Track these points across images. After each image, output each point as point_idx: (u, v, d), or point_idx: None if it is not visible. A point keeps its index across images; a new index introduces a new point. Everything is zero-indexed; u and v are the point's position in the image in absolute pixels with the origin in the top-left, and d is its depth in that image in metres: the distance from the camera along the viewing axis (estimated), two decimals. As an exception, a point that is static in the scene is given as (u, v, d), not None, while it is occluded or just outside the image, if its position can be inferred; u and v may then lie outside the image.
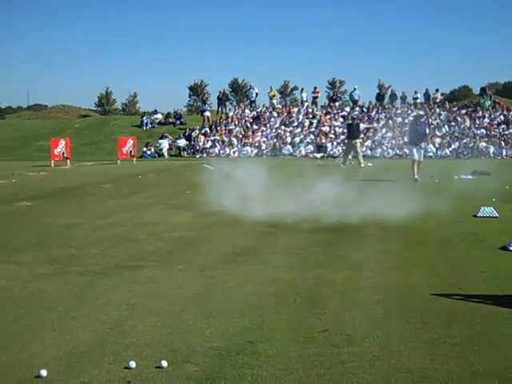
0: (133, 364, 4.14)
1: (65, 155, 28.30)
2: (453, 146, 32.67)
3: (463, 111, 38.01)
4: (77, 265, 7.29)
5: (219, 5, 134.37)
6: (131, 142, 31.20)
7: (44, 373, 3.98)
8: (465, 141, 33.11)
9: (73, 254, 7.93)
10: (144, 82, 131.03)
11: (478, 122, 35.99)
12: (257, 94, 42.39)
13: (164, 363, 4.15)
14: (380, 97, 41.69)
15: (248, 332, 4.84)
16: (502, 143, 32.45)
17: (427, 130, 22.27)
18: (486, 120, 36.30)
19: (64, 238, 9.04)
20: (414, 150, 17.60)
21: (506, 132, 34.30)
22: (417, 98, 40.28)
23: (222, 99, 42.07)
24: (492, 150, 31.95)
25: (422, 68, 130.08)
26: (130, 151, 30.91)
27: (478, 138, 33.28)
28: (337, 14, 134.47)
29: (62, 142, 28.64)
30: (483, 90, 42.46)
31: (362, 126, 26.49)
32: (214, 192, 12.27)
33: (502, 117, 36.74)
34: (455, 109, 38.78)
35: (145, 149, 34.30)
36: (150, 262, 7.40)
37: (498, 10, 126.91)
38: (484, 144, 32.47)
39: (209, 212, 11.05)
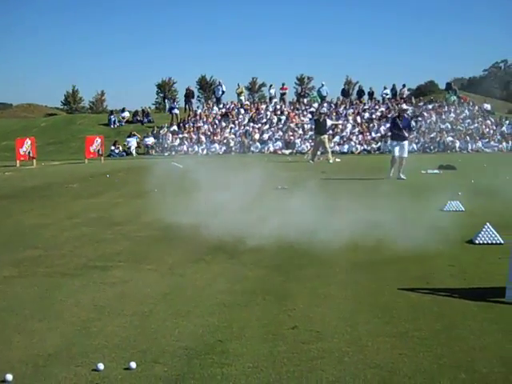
0: (101, 366, 4.09)
1: (31, 155, 27.90)
2: (420, 141, 33.01)
3: (429, 106, 38.44)
4: (44, 266, 7.19)
5: (186, 2, 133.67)
6: (99, 140, 30.88)
7: (10, 377, 3.92)
8: (431, 135, 33.49)
9: (39, 254, 7.83)
10: (111, 80, 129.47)
11: (444, 116, 36.45)
12: (223, 92, 42.24)
13: (133, 364, 4.11)
14: (345, 92, 41.98)
15: (217, 331, 4.83)
16: (468, 138, 32.92)
17: (412, 124, 22.16)
18: (452, 115, 36.79)
19: (30, 239, 8.92)
20: (396, 147, 17.13)
21: (471, 127, 34.81)
22: (386, 94, 40.64)
23: (188, 96, 41.87)
24: (458, 144, 32.40)
25: (389, 64, 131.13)
26: (98, 150, 30.59)
27: (444, 132, 33.71)
28: (304, 10, 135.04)
29: (28, 142, 28.22)
30: (449, 85, 43.05)
31: (329, 122, 26.58)
32: (182, 190, 12.23)
33: (467, 112, 37.28)
34: (422, 104, 39.20)
35: (113, 147, 33.99)
36: (119, 262, 7.34)
37: (461, 7, 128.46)
38: (450, 139, 32.91)
39: (177, 211, 10.98)
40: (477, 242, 7.89)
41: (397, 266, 6.77)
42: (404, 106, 20.26)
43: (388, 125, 34.52)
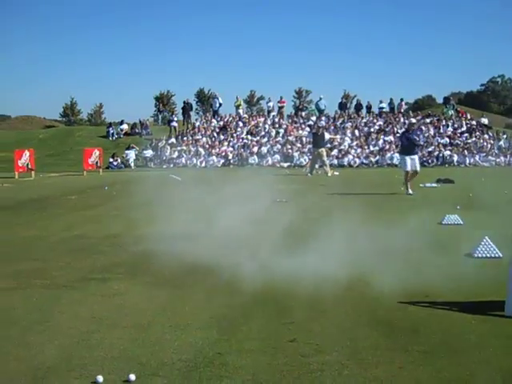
0: (100, 378, 4.08)
1: (29, 166, 27.89)
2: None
3: (427, 120, 38.54)
4: (42, 278, 7.18)
5: (184, 15, 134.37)
6: (97, 152, 30.89)
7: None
8: (429, 149, 33.56)
9: (37, 267, 7.81)
10: (110, 93, 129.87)
11: (441, 130, 36.55)
12: (220, 104, 42.33)
13: (132, 377, 4.09)
14: (343, 105, 42.12)
15: (216, 343, 4.81)
16: (465, 152, 32.99)
17: (420, 139, 21.79)
18: (450, 129, 36.90)
19: (28, 251, 8.90)
20: (408, 161, 16.48)
21: (469, 141, 34.89)
22: (382, 108, 40.81)
23: (186, 109, 41.96)
24: (456, 158, 32.47)
25: (388, 78, 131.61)
26: (96, 162, 30.60)
27: (441, 146, 33.78)
28: (303, 23, 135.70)
29: (26, 153, 28.22)
30: (446, 99, 43.22)
31: (327, 135, 26.63)
32: (180, 203, 12.23)
33: (464, 126, 37.39)
34: (419, 118, 39.30)
35: (111, 160, 34.00)
36: (117, 274, 7.33)
37: (460, 21, 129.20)
38: (448, 152, 32.99)
39: (174, 223, 10.98)
40: (475, 255, 7.89)
41: (395, 279, 6.75)
42: (413, 120, 19.94)
43: (386, 138, 34.79)
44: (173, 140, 37.82)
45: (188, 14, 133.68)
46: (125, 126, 43.08)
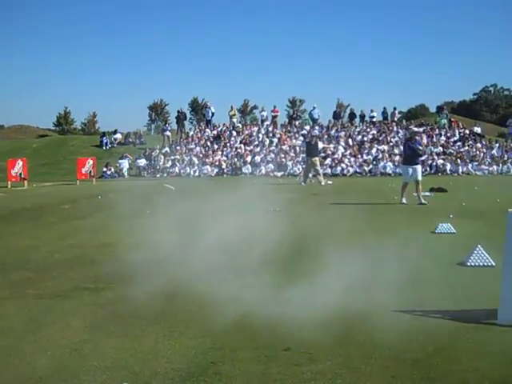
0: (92, 388, 4.06)
1: (22, 176, 27.81)
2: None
3: (421, 129, 38.65)
4: (34, 288, 7.15)
5: (178, 24, 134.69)
6: (90, 162, 30.85)
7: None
8: (422, 158, 33.60)
9: (30, 276, 7.78)
10: (104, 102, 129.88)
11: (434, 139, 36.67)
12: (213, 114, 42.40)
13: (125, 386, 4.09)
14: (337, 115, 42.28)
15: (210, 352, 4.80)
16: (458, 160, 33.09)
17: (422, 148, 21.28)
18: (443, 138, 37.01)
19: (21, 261, 8.87)
20: (409, 171, 16.23)
21: (462, 149, 35.01)
22: (373, 117, 40.99)
23: (180, 119, 42.00)
24: (448, 167, 32.55)
25: (381, 87, 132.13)
26: (90, 171, 30.55)
27: (435, 155, 33.88)
28: (296, 33, 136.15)
29: (19, 163, 28.14)
30: (440, 108, 43.39)
31: (321, 145, 26.68)
32: (174, 211, 12.22)
33: (457, 135, 37.54)
34: (413, 127, 39.41)
35: (105, 169, 33.97)
36: (110, 283, 7.30)
37: (453, 30, 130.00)
38: (441, 161, 33.07)
39: (168, 232, 10.96)
40: (468, 264, 7.91)
41: (389, 288, 6.76)
42: (415, 129, 19.44)
43: (379, 147, 34.89)
44: (166, 149, 37.82)
45: (182, 22, 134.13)
46: (118, 136, 43.05)
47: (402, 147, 34.63)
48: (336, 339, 5.08)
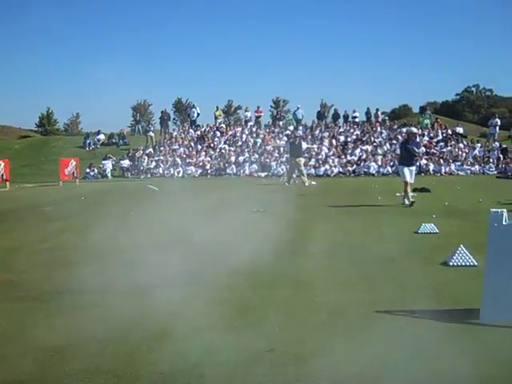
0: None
1: (4, 177, 27.57)
2: (394, 164, 33.28)
3: (404, 129, 38.83)
4: (16, 290, 7.07)
5: (160, 24, 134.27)
6: (73, 163, 30.68)
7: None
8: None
9: (12, 278, 7.71)
10: (87, 103, 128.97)
11: (418, 139, 36.81)
12: (198, 114, 42.39)
13: (107, 390, 4.05)
14: (321, 115, 42.38)
15: (193, 355, 4.77)
16: (441, 161, 33.29)
17: (420, 149, 20.64)
18: (426, 138, 37.21)
19: (3, 263, 8.78)
20: (406, 171, 15.80)
21: (444, 150, 35.22)
22: (355, 117, 41.16)
23: (163, 119, 41.92)
24: (432, 167, 32.73)
25: (365, 87, 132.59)
26: (73, 172, 30.38)
27: (418, 155, 34.05)
28: (279, 32, 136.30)
29: (1, 164, 27.87)
30: (423, 108, 43.63)
31: (304, 145, 26.69)
32: (158, 212, 12.18)
33: (440, 135, 37.77)
34: (396, 127, 39.62)
35: (88, 170, 33.81)
36: (92, 285, 7.23)
37: (435, 30, 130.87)
38: (424, 161, 33.25)
39: (153, 232, 10.94)
40: (451, 263, 7.94)
41: (372, 288, 6.79)
42: (414, 130, 19.03)
43: (363, 148, 35.02)
44: (150, 150, 37.70)
45: (163, 22, 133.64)
46: (102, 136, 42.83)
47: (385, 147, 35.23)
48: (318, 340, 5.07)
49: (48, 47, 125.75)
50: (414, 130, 19.51)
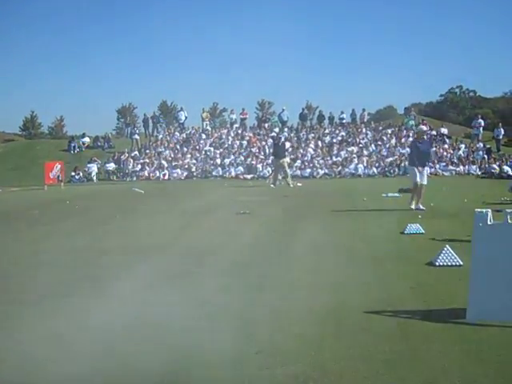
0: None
1: (-12, 181, 27.40)
2: (380, 165, 33.44)
3: (389, 130, 39.05)
4: (2, 294, 7.01)
5: (145, 27, 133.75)
6: (58, 166, 30.52)
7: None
8: (391, 159, 33.95)
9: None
10: (71, 106, 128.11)
11: (402, 140, 37.02)
12: (186, 117, 42.41)
13: (94, 394, 4.04)
14: (303, 116, 42.46)
15: (181, 357, 4.76)
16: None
17: (432, 149, 18.90)
18: (411, 139, 37.36)
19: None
20: (417, 173, 14.78)
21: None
22: (343, 118, 41.33)
23: (148, 122, 41.93)
24: (417, 168, 32.87)
25: (350, 88, 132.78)
26: (58, 176, 30.22)
27: (403, 156, 34.21)
28: (264, 34, 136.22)
29: (-15, 168, 27.74)
30: (407, 109, 43.87)
31: (288, 145, 26.74)
32: (143, 216, 12.15)
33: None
34: (381, 128, 39.80)
35: (73, 173, 33.64)
36: (79, 289, 7.20)
37: (418, 32, 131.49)
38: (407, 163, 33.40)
39: (139, 235, 10.91)
40: (437, 264, 7.98)
41: (359, 289, 6.81)
42: (424, 128, 18.04)
43: (349, 149, 35.14)
44: (136, 153, 37.61)
45: (148, 25, 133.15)
46: (87, 139, 42.63)
47: (371, 148, 35.36)
48: (306, 341, 5.08)
49: (30, 48, 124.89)
50: (424, 128, 18.64)
